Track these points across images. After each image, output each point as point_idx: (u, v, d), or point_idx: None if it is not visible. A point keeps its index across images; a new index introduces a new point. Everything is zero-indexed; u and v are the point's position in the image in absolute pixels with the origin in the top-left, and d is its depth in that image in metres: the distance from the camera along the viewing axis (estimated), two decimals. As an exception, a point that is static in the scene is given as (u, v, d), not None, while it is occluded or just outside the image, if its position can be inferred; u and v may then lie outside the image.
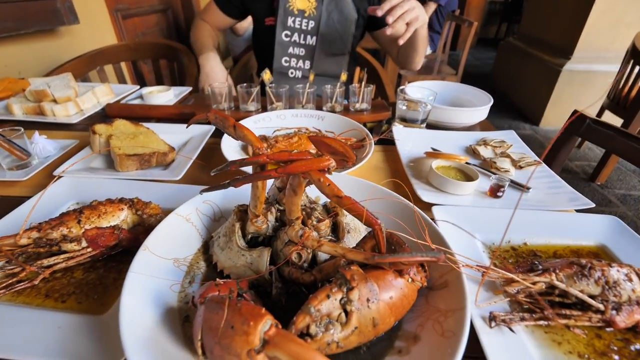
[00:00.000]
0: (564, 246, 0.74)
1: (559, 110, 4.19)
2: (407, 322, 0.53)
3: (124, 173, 0.90)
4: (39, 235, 0.63)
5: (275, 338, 0.40)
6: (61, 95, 1.29)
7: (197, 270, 0.63)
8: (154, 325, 0.50)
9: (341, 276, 0.48)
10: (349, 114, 1.28)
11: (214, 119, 0.59)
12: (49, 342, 0.50)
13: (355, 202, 0.50)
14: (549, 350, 0.53)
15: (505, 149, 1.11)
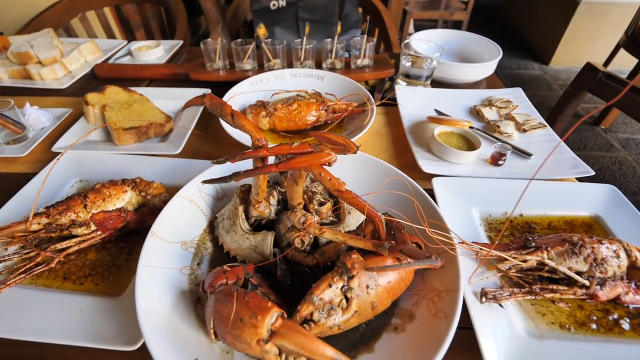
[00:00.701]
0: (558, 217, 0.76)
1: (572, 47, 3.96)
2: (404, 299, 0.57)
3: (123, 147, 0.90)
4: (48, 221, 0.65)
5: (281, 329, 0.44)
6: (46, 56, 1.22)
7: (205, 251, 0.66)
8: (169, 309, 0.54)
9: (342, 264, 0.51)
10: (350, 72, 1.23)
11: (210, 105, 0.57)
12: (73, 325, 0.55)
13: (356, 196, 0.51)
14: (534, 322, 0.58)
15: (510, 109, 1.07)
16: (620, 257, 0.61)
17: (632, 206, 0.75)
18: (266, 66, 1.25)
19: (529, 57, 4.32)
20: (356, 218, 0.65)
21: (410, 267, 0.41)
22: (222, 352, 0.51)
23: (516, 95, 1.15)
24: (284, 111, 0.95)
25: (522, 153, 0.92)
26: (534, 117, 1.04)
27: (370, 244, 0.52)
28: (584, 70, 1.28)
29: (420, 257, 0.42)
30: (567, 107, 1.36)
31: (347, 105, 0.99)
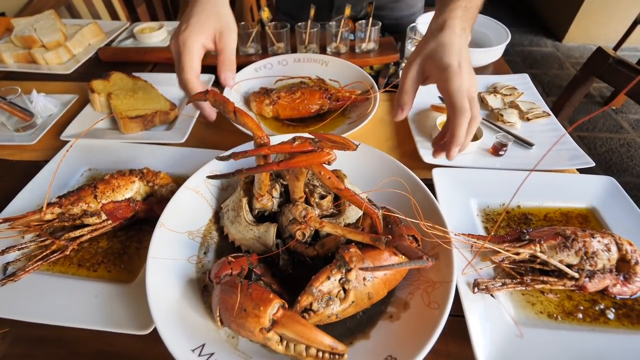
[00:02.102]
0: (555, 209, 0.77)
1: (587, 23, 3.81)
2: (399, 289, 0.60)
3: (129, 135, 0.92)
4: (61, 211, 0.68)
5: (282, 319, 0.48)
6: (50, 40, 1.22)
7: (211, 240, 0.69)
8: (177, 297, 0.57)
9: (340, 258, 0.54)
10: (355, 57, 1.21)
11: (213, 101, 0.58)
12: (89, 310, 0.59)
13: (354, 194, 0.52)
14: (523, 311, 0.61)
15: (515, 97, 1.07)
16: (611, 250, 0.62)
17: (629, 198, 0.76)
18: (270, 50, 1.24)
19: (542, 34, 4.18)
20: (356, 210, 0.67)
21: (402, 268, 0.43)
22: (228, 337, 0.55)
23: (522, 81, 1.14)
24: (287, 99, 0.96)
25: (524, 143, 0.92)
26: (539, 105, 1.03)
27: (368, 238, 0.55)
28: (595, 55, 1.25)
29: (412, 256, 0.44)
30: (575, 93, 1.34)
31: (351, 93, 0.99)
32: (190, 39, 0.71)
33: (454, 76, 0.63)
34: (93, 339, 0.58)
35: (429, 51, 0.67)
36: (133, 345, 0.58)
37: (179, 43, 0.72)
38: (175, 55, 0.74)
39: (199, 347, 0.51)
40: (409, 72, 0.70)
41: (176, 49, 0.73)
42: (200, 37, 0.72)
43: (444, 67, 0.63)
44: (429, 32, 0.71)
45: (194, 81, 0.72)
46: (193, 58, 0.72)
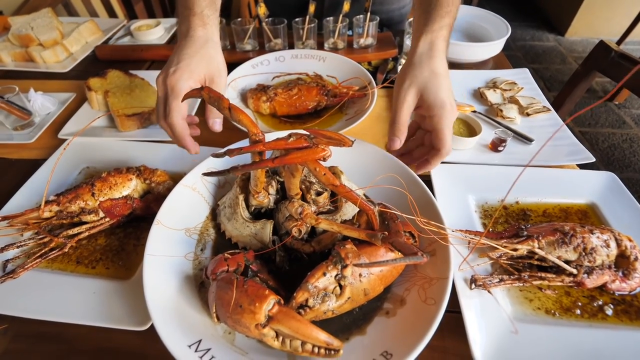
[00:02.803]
0: (554, 205, 0.77)
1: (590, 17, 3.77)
2: (396, 285, 0.60)
3: (126, 133, 0.92)
4: (59, 209, 0.68)
5: (277, 315, 0.48)
6: (47, 38, 1.22)
7: (208, 237, 0.69)
8: (174, 293, 0.57)
9: (336, 254, 0.53)
10: (353, 52, 1.21)
11: (207, 98, 0.58)
12: (88, 306, 0.59)
13: (350, 190, 0.52)
14: (520, 307, 0.61)
15: (515, 92, 1.06)
16: (610, 246, 0.62)
17: (629, 194, 0.76)
18: (267, 46, 1.24)
19: (544, 28, 4.14)
20: (353, 207, 0.67)
21: (397, 264, 0.43)
22: (225, 333, 0.56)
23: (522, 76, 1.13)
24: (284, 96, 0.95)
25: (524, 138, 0.91)
26: (539, 100, 1.03)
27: (364, 234, 0.55)
28: (597, 49, 1.24)
29: (407, 253, 0.44)
30: (576, 88, 1.32)
31: (348, 89, 0.99)
32: (179, 84, 0.68)
33: (448, 114, 0.65)
34: (92, 335, 0.59)
35: (424, 80, 0.67)
36: (132, 341, 0.58)
37: (167, 86, 0.69)
38: (161, 97, 0.71)
39: (196, 342, 0.52)
40: (405, 101, 0.68)
41: (163, 91, 0.70)
42: (189, 82, 0.70)
43: (440, 104, 0.65)
44: (418, 54, 0.69)
45: (181, 124, 0.69)
46: (180, 104, 0.69)
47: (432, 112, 0.66)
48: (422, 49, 0.69)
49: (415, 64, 0.69)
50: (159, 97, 0.72)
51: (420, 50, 0.70)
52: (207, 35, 0.76)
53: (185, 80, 0.69)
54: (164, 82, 0.70)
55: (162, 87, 0.71)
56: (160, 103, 0.71)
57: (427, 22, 0.71)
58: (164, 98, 0.70)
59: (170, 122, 0.69)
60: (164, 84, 0.70)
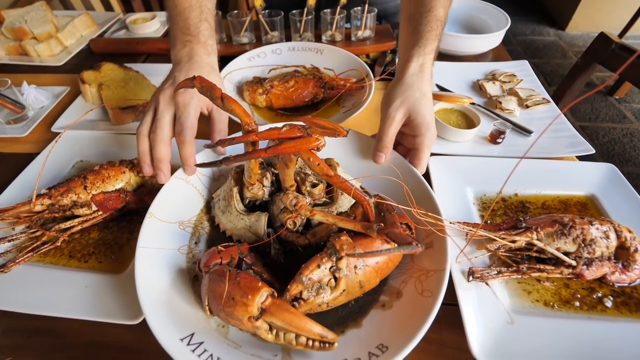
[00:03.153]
0: (553, 197, 0.76)
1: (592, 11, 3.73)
2: (392, 278, 0.59)
3: (120, 126, 0.90)
4: (51, 202, 0.67)
5: (270, 307, 0.47)
6: (41, 31, 1.21)
7: (202, 230, 0.68)
8: (167, 287, 0.56)
9: (331, 246, 0.53)
10: (351, 45, 1.19)
11: (200, 87, 0.57)
12: (79, 301, 0.58)
13: (344, 180, 0.51)
14: (518, 299, 0.60)
15: (514, 84, 1.04)
16: (609, 238, 0.61)
17: (629, 186, 0.74)
18: (264, 39, 1.22)
19: (545, 22, 4.11)
20: (349, 199, 0.66)
21: (391, 254, 0.42)
22: (218, 326, 0.55)
23: (522, 68, 1.12)
24: (280, 88, 0.94)
25: (523, 130, 0.90)
26: (538, 92, 1.01)
27: (359, 226, 0.53)
28: (597, 41, 1.22)
29: (402, 242, 0.43)
30: (576, 80, 1.31)
31: (345, 81, 0.97)
32: (192, 103, 0.67)
33: (431, 136, 0.69)
34: (85, 329, 0.58)
35: (415, 101, 0.68)
36: (124, 335, 0.58)
37: (179, 104, 0.67)
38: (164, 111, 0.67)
39: (188, 336, 0.51)
40: (395, 119, 0.68)
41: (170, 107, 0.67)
42: (200, 104, 0.69)
43: (427, 125, 0.68)
44: (409, 74, 0.71)
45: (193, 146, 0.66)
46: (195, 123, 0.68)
47: (418, 132, 0.68)
48: (414, 70, 0.71)
49: (407, 84, 0.70)
50: (160, 110, 0.67)
51: (412, 71, 0.71)
52: (212, 64, 0.76)
53: (196, 102, 0.68)
54: (172, 98, 0.67)
55: (170, 102, 0.68)
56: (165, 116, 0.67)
57: (419, 43, 0.72)
58: (168, 113, 0.67)
59: (183, 139, 0.65)
60: (173, 100, 0.67)
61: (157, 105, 0.68)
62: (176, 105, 0.67)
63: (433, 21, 0.74)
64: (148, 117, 0.69)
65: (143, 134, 0.67)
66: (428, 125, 0.68)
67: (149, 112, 0.69)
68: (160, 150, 0.66)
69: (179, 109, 0.67)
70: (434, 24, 0.74)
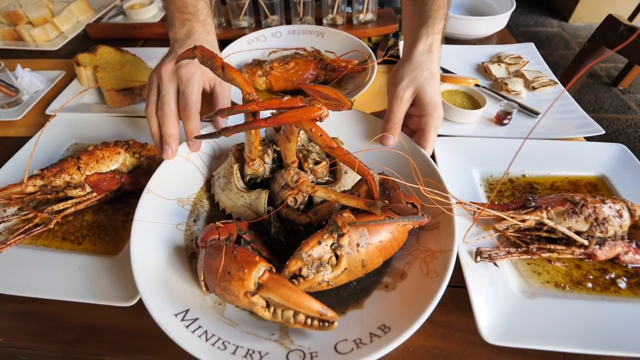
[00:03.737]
0: (562, 177, 0.74)
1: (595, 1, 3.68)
2: (396, 259, 0.57)
3: (117, 109, 0.88)
4: (43, 183, 0.65)
5: (268, 282, 0.45)
6: (36, 16, 1.18)
7: (201, 208, 0.66)
8: (164, 264, 0.54)
9: (333, 222, 0.50)
10: (352, 28, 1.16)
11: (200, 57, 0.54)
12: (71, 283, 0.56)
13: (347, 153, 0.49)
14: (528, 281, 0.57)
15: (520, 66, 1.02)
16: (622, 216, 0.59)
17: (641, 166, 0.72)
18: (264, 23, 1.20)
19: (547, 13, 4.06)
20: (352, 178, 0.64)
21: (395, 223, 0.39)
22: (214, 304, 0.53)
23: (527, 50, 1.09)
24: (280, 70, 0.91)
25: (529, 112, 0.87)
26: (545, 74, 0.98)
27: (362, 203, 0.51)
28: (605, 24, 1.19)
29: (407, 213, 0.41)
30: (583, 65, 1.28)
31: (347, 62, 0.95)
32: (195, 78, 0.65)
33: (438, 117, 0.66)
34: (78, 312, 0.56)
35: (424, 81, 0.66)
36: (119, 318, 0.56)
37: (181, 78, 0.65)
38: (167, 86, 0.65)
39: (183, 312, 0.49)
40: (404, 99, 0.66)
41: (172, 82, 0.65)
42: (202, 79, 0.67)
43: (434, 106, 0.66)
44: (418, 53, 0.69)
45: (198, 120, 0.64)
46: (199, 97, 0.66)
47: (425, 111, 0.66)
48: (423, 49, 0.69)
49: (415, 63, 0.68)
50: (163, 86, 0.65)
51: (421, 50, 0.69)
52: (212, 43, 0.74)
53: (199, 76, 0.66)
54: (174, 72, 0.65)
55: (172, 77, 0.65)
56: (168, 92, 0.65)
57: (427, 23, 0.70)
58: (172, 88, 0.65)
59: (188, 113, 0.64)
60: (174, 74, 0.65)
61: (160, 81, 0.66)
62: (179, 79, 0.65)
63: (439, 0, 0.72)
64: (152, 95, 0.67)
65: (152, 114, 0.66)
66: (436, 105, 0.66)
67: (153, 89, 0.67)
68: (170, 126, 0.64)
69: (182, 82, 0.65)
70: (440, 2, 0.72)
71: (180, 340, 0.44)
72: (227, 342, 0.47)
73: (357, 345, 0.45)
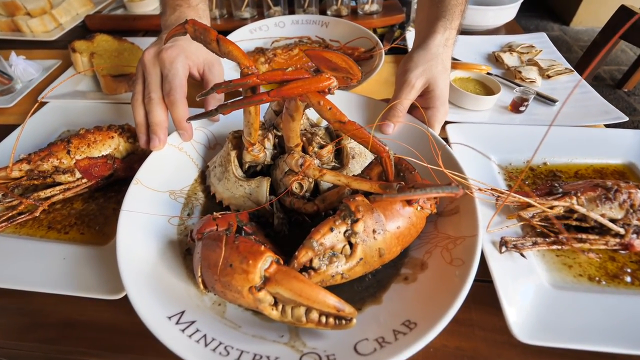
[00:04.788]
0: (587, 165, 0.69)
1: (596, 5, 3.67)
2: (414, 249, 0.52)
3: (113, 97, 0.84)
4: (30, 167, 0.60)
5: (276, 275, 0.39)
6: (34, 6, 1.15)
7: (196, 201, 0.61)
8: (154, 259, 0.49)
9: (345, 207, 0.45)
10: (357, 19, 1.13)
11: (192, 31, 0.50)
12: (54, 273, 0.51)
13: (360, 127, 0.44)
14: (559, 274, 0.52)
15: (533, 55, 0.97)
16: (661, 203, 0.54)
17: (671, 152, 0.67)
18: (266, 14, 1.16)
19: (548, 17, 4.05)
20: (361, 163, 0.59)
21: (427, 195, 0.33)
22: (214, 304, 0.47)
23: (540, 40, 1.05)
24: (284, 57, 0.87)
25: (547, 99, 0.83)
26: (560, 62, 0.94)
27: (376, 186, 0.46)
28: (618, 15, 1.16)
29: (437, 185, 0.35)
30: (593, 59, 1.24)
31: (354, 50, 0.90)
32: (178, 61, 0.61)
33: (444, 111, 0.65)
34: (60, 307, 0.51)
35: (437, 73, 0.64)
36: (105, 314, 0.50)
37: (164, 60, 0.60)
38: (151, 73, 0.61)
39: (177, 314, 0.43)
40: (414, 87, 0.63)
41: (155, 66, 0.61)
42: (188, 62, 0.63)
43: (443, 99, 0.64)
44: (435, 45, 0.66)
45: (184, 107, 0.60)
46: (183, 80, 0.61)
47: (433, 104, 0.64)
48: (440, 41, 0.66)
49: (432, 54, 0.65)
50: (147, 73, 0.61)
51: (438, 42, 0.66)
52: None
53: (183, 59, 0.62)
54: (156, 56, 0.61)
55: (153, 61, 0.61)
56: (153, 78, 0.60)
57: (446, 16, 0.68)
58: (156, 74, 0.61)
59: (173, 99, 0.59)
60: (156, 58, 0.61)
61: (144, 69, 0.62)
62: (161, 62, 0.61)
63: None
64: (138, 85, 0.62)
65: (138, 103, 0.61)
66: (445, 100, 0.64)
67: (138, 79, 0.63)
68: (156, 114, 0.59)
69: (164, 66, 0.61)
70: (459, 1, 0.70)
71: (175, 346, 0.38)
72: (230, 346, 0.41)
73: (381, 345, 0.39)
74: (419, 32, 0.71)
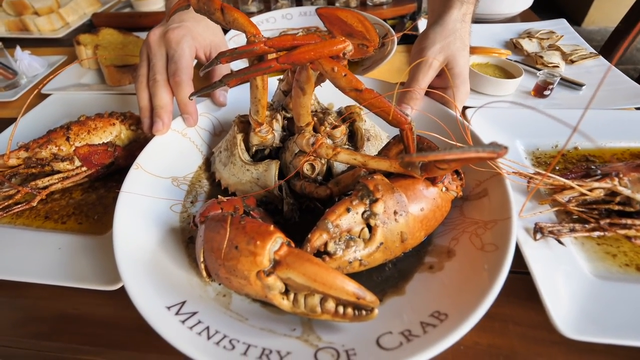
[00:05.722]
0: (622, 149, 0.63)
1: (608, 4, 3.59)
2: (438, 236, 0.47)
3: (117, 89, 0.81)
4: (27, 155, 0.57)
5: (287, 258, 0.35)
6: (41, 5, 1.15)
7: (200, 189, 0.57)
8: (154, 245, 0.45)
9: (363, 187, 0.41)
10: (367, 9, 1.09)
11: (196, 3, 0.47)
12: (49, 264, 0.48)
13: (378, 95, 0.40)
14: (602, 263, 0.46)
15: (554, 40, 0.93)
16: None
17: None
18: (273, 8, 1.13)
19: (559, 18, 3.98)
20: (376, 146, 0.55)
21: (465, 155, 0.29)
22: (218, 294, 0.43)
23: (560, 26, 1.00)
24: (292, 45, 0.84)
25: (572, 84, 0.78)
26: (583, 47, 0.89)
27: (396, 164, 0.42)
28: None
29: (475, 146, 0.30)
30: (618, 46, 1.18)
31: (365, 38, 0.87)
32: (184, 42, 0.59)
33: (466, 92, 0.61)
34: (55, 300, 0.47)
35: (456, 50, 0.60)
36: (101, 307, 0.47)
37: (169, 41, 0.58)
38: (157, 54, 0.59)
39: (178, 304, 0.39)
40: (432, 66, 0.59)
41: (161, 47, 0.59)
42: (195, 44, 0.61)
43: (464, 78, 0.60)
44: (452, 20, 0.61)
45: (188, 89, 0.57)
46: (189, 61, 0.59)
47: (453, 83, 0.60)
48: (457, 16, 0.62)
49: (449, 30, 0.60)
50: (152, 54, 0.59)
51: (455, 17, 0.62)
52: None
53: (190, 40, 0.59)
54: (162, 37, 0.59)
55: (161, 42, 0.59)
56: (158, 60, 0.58)
57: None
58: (162, 55, 0.58)
59: (179, 79, 0.56)
60: (162, 39, 0.59)
61: (149, 49, 0.60)
62: (167, 42, 0.58)
63: None
64: (143, 68, 0.60)
65: (142, 86, 0.58)
66: (465, 78, 0.60)
67: (143, 61, 0.60)
68: (161, 97, 0.56)
69: (170, 46, 0.58)
70: None
71: (173, 338, 0.34)
72: (236, 340, 0.36)
73: (407, 339, 0.34)
74: (433, 8, 0.67)
